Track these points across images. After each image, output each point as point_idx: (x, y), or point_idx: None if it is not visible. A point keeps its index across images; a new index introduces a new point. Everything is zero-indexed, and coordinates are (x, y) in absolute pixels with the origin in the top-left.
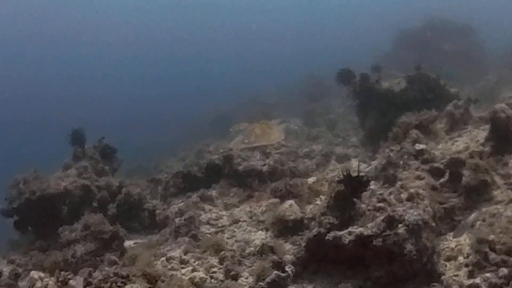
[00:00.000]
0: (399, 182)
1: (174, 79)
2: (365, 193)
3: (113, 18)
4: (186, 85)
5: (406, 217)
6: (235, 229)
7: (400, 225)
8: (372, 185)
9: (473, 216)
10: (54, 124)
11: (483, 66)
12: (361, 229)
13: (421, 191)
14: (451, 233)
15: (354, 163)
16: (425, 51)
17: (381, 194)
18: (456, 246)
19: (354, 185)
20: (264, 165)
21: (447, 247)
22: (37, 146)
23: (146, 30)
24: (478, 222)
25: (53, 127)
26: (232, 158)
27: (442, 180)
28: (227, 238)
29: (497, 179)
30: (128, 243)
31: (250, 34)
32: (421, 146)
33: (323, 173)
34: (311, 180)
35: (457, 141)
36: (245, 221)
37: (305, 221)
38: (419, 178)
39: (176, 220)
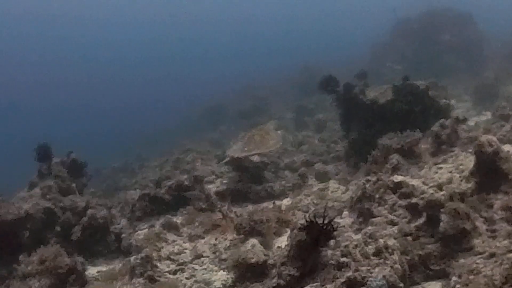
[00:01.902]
0: (369, 228)
1: (170, 66)
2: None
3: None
4: (182, 72)
5: (369, 281)
6: (196, 267)
7: None
8: (346, 217)
9: None
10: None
11: (483, 56)
12: None
13: (391, 242)
14: (425, 284)
15: (331, 186)
16: (424, 41)
17: (346, 246)
18: None
19: (317, 234)
20: (240, 181)
21: None
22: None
23: (136, 14)
24: (454, 278)
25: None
26: (202, 179)
27: (419, 221)
28: (186, 278)
29: (479, 223)
30: (91, 271)
31: (245, 20)
32: (399, 178)
33: (297, 197)
34: (285, 202)
35: (441, 168)
36: (208, 256)
37: (269, 262)
38: (391, 223)
39: (132, 259)
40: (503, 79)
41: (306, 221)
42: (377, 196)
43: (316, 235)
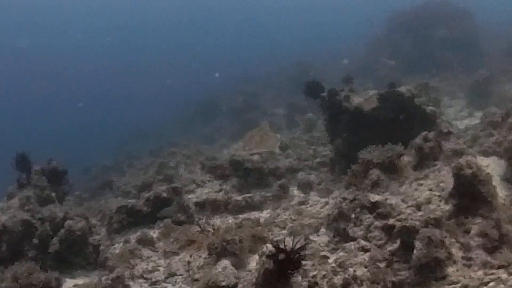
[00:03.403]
0: (340, 255)
1: (166, 60)
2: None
3: None
4: (177, 65)
5: None
6: (169, 286)
7: None
8: (323, 235)
9: None
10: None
11: (479, 51)
12: None
13: (360, 272)
14: None
15: (311, 199)
16: (419, 35)
17: (313, 276)
18: None
19: (285, 263)
20: (221, 190)
21: None
22: None
23: (129, 3)
24: None
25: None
26: (181, 191)
27: (394, 246)
28: None
29: (455, 250)
30: (69, 284)
31: (240, 12)
32: (376, 198)
33: (276, 210)
34: (264, 215)
35: (421, 184)
36: (181, 275)
37: (239, 286)
38: (363, 249)
39: (103, 279)
40: (498, 76)
41: (274, 247)
42: (353, 216)
43: (284, 264)
